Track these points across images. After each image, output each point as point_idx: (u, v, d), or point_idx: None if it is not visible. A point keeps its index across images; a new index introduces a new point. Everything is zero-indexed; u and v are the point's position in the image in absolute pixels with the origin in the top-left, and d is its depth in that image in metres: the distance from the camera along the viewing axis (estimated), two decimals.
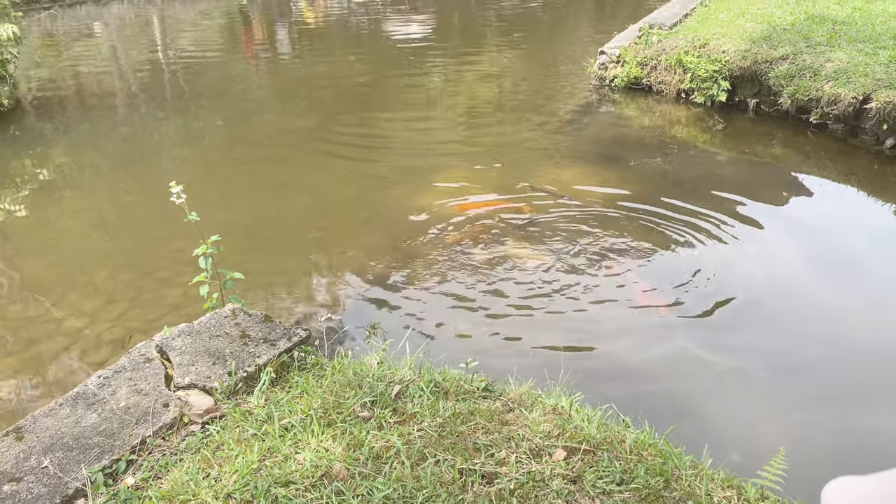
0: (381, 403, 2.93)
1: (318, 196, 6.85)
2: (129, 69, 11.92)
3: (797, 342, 4.53)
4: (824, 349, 4.46)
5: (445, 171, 7.19)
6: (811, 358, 4.39)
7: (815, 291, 5.09)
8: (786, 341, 4.53)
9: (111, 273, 5.64)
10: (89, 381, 3.04)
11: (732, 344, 4.47)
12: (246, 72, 12.03)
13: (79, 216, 6.69)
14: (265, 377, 3.15)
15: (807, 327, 4.69)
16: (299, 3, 18.48)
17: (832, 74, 7.75)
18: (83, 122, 9.19)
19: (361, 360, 3.39)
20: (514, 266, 5.34)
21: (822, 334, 4.62)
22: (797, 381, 4.17)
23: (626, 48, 9.62)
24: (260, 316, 3.58)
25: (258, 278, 5.37)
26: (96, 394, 2.96)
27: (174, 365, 3.18)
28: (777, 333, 4.60)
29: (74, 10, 16.34)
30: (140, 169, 7.70)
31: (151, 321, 4.96)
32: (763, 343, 4.49)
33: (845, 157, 7.37)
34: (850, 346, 4.49)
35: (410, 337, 3.93)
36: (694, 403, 4.00)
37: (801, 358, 4.38)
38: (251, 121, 9.22)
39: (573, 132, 8.36)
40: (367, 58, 12.71)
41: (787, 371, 4.24)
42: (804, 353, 4.43)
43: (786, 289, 5.10)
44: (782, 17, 9.83)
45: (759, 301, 4.91)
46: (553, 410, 2.99)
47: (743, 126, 8.37)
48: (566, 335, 4.51)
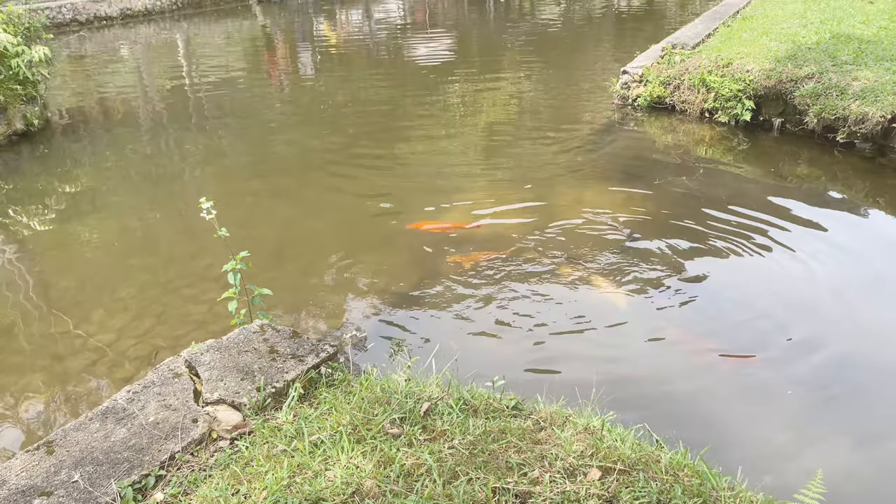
0: (411, 420, 2.90)
1: (341, 215, 6.87)
2: (155, 90, 12.10)
3: (830, 364, 4.44)
4: (857, 371, 4.37)
5: (467, 191, 7.19)
6: (842, 379, 4.30)
7: (847, 313, 4.99)
8: (820, 363, 4.43)
9: (137, 290, 5.67)
10: (118, 396, 3.04)
11: (764, 366, 4.39)
12: (269, 93, 12.16)
13: (105, 234, 6.76)
14: (293, 393, 3.13)
15: (838, 348, 4.60)
16: (321, 24, 18.71)
17: (859, 93, 7.68)
18: (110, 142, 9.32)
19: (388, 376, 3.37)
20: (538, 285, 5.30)
21: (855, 356, 4.52)
22: (832, 404, 4.08)
23: (648, 68, 9.61)
24: (288, 332, 3.57)
25: (282, 296, 5.38)
26: (125, 408, 2.96)
27: (203, 380, 3.17)
28: (809, 355, 4.51)
29: (103, 32, 16.66)
30: (165, 187, 7.78)
31: (177, 338, 4.97)
32: (795, 365, 4.41)
33: (874, 176, 7.27)
34: (887, 369, 4.39)
35: (437, 354, 3.91)
36: (724, 424, 3.92)
37: (834, 380, 4.29)
38: (274, 141, 9.30)
39: (596, 151, 8.33)
40: (388, 78, 12.81)
41: (822, 393, 4.16)
42: (838, 374, 4.34)
43: (816, 310, 5.00)
44: (806, 37, 9.78)
45: (790, 322, 4.82)
46: (585, 430, 2.94)
47: (768, 145, 8.30)
48: (596, 354, 4.46)
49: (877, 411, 4.03)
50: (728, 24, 11.87)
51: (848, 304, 5.05)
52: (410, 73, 13.24)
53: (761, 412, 4.06)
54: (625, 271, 5.46)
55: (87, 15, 16.84)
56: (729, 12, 12.92)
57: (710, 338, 4.65)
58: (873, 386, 4.26)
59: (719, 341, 4.59)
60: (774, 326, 4.76)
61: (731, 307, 5.03)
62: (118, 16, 17.40)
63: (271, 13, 19.68)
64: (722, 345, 4.55)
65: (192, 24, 17.91)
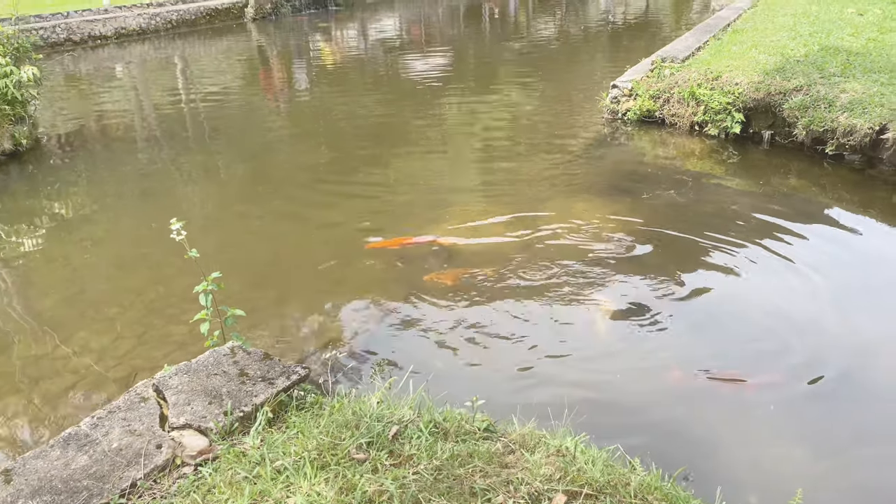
0: (378, 445, 2.85)
1: (331, 232, 6.83)
2: (148, 108, 12.12)
3: (813, 377, 4.38)
4: (842, 385, 4.31)
5: (457, 207, 7.15)
6: (826, 393, 4.24)
7: (832, 325, 4.94)
8: (802, 377, 4.38)
9: (121, 310, 5.63)
10: (82, 422, 2.99)
11: (752, 386, 4.33)
12: (264, 110, 12.17)
13: (92, 253, 6.73)
14: (261, 417, 3.08)
15: (822, 362, 4.54)
16: (317, 41, 18.77)
17: (847, 105, 7.66)
18: (100, 161, 9.31)
19: (361, 398, 3.32)
20: (524, 303, 5.25)
21: (842, 370, 4.46)
22: (814, 419, 4.03)
23: (638, 81, 9.61)
24: (259, 354, 3.52)
25: (267, 313, 5.34)
26: (88, 435, 2.91)
27: (170, 404, 3.12)
28: (791, 369, 4.45)
29: (97, 51, 16.72)
30: (156, 206, 7.75)
31: (157, 358, 4.92)
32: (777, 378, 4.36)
33: (863, 188, 7.23)
34: (872, 384, 4.33)
35: (415, 373, 3.87)
36: (707, 443, 3.86)
37: (817, 393, 4.23)
38: (267, 159, 9.29)
39: (586, 166, 8.31)
40: (383, 95, 12.82)
41: (805, 408, 4.10)
42: (820, 388, 4.28)
43: (806, 326, 4.95)
44: (795, 49, 9.78)
45: (778, 338, 4.77)
46: (557, 452, 2.89)
47: (758, 158, 8.27)
48: (577, 372, 4.40)
49: (859, 428, 3.97)
50: (718, 37, 11.89)
51: (839, 319, 5.00)
52: (406, 89, 13.26)
53: (746, 431, 4.00)
54: (613, 286, 5.41)
55: (81, 34, 16.90)
56: (720, 25, 12.95)
57: (697, 356, 4.59)
58: (857, 402, 4.20)
59: (707, 359, 4.54)
60: (763, 342, 4.71)
61: (721, 323, 4.98)
62: (113, 35, 17.47)
63: (266, 31, 19.76)
64: (710, 363, 4.49)
65: (187, 42, 17.97)
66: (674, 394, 4.22)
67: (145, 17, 18.22)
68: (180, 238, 3.67)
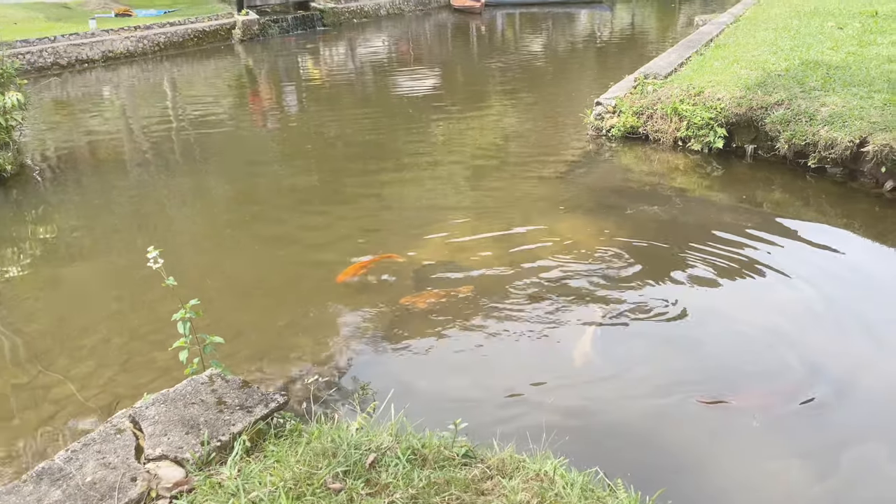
0: (355, 474, 2.83)
1: (316, 255, 6.82)
2: (137, 131, 12.11)
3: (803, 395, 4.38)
4: (826, 399, 4.31)
5: (442, 227, 7.16)
6: (814, 409, 4.24)
7: (820, 338, 4.95)
8: (790, 394, 4.38)
9: (104, 336, 5.60)
10: (57, 456, 2.96)
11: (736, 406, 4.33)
12: (253, 132, 12.18)
13: (76, 279, 6.69)
14: (239, 446, 3.05)
15: (806, 376, 4.55)
16: (306, 62, 18.84)
17: (828, 119, 7.74)
18: (87, 185, 9.29)
19: (340, 425, 3.29)
20: (508, 323, 5.24)
21: (825, 383, 4.47)
22: (795, 434, 4.02)
23: (621, 98, 9.68)
24: (238, 381, 3.50)
25: (250, 338, 5.32)
26: (62, 468, 2.88)
27: (146, 435, 3.10)
28: (778, 386, 4.46)
29: (84, 75, 16.72)
30: (142, 230, 7.72)
31: (140, 386, 4.89)
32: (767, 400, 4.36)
33: (845, 200, 7.29)
34: (861, 399, 4.34)
35: (397, 397, 3.84)
36: (687, 464, 3.85)
37: (804, 410, 4.24)
38: (256, 180, 9.28)
39: (571, 182, 8.35)
40: (371, 115, 12.86)
41: (790, 424, 4.10)
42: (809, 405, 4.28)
43: (789, 339, 4.96)
44: (776, 64, 9.88)
45: (757, 351, 4.78)
46: (536, 476, 2.87)
47: (741, 172, 8.33)
48: (556, 395, 4.39)
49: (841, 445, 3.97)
50: (701, 52, 12.01)
51: (826, 331, 5.03)
52: (394, 108, 13.31)
53: (730, 451, 3.99)
54: (597, 304, 5.42)
55: (68, 58, 16.91)
56: (702, 41, 13.07)
57: (680, 375, 4.59)
58: (846, 417, 4.20)
59: (692, 377, 4.54)
60: (748, 358, 4.72)
61: (706, 339, 4.99)
62: (100, 58, 17.48)
63: (254, 52, 19.82)
64: (694, 381, 4.49)
65: (175, 64, 18.00)
66: (655, 415, 4.21)
67: (132, 40, 18.26)
68: (157, 266, 3.65)
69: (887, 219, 6.89)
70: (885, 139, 7.02)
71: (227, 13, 21.64)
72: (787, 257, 6.12)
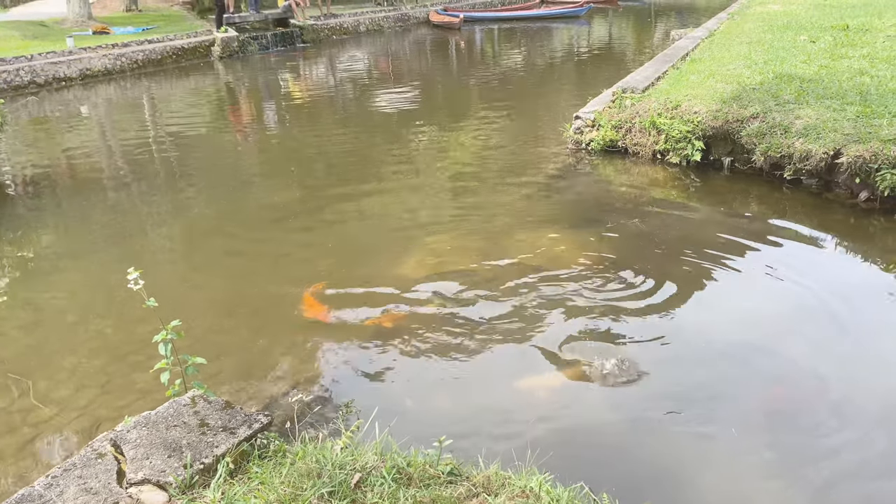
0: (340, 494, 2.82)
1: (296, 271, 6.80)
2: (116, 149, 12.03)
3: (776, 410, 4.43)
4: (806, 406, 4.37)
5: (426, 240, 7.18)
6: (791, 419, 4.29)
7: (791, 348, 5.01)
8: (763, 408, 4.43)
9: (84, 358, 5.54)
10: (37, 483, 2.92)
11: (708, 410, 4.37)
12: (233, 149, 12.15)
13: (55, 299, 6.61)
14: (222, 469, 3.03)
15: (788, 385, 4.60)
16: (286, 78, 18.85)
17: (802, 131, 7.87)
18: (66, 204, 9.21)
19: (324, 445, 3.28)
20: (489, 339, 5.26)
21: (803, 391, 4.53)
22: (780, 446, 4.06)
23: (600, 112, 9.78)
24: (220, 403, 3.48)
25: (228, 360, 5.28)
26: (42, 495, 2.84)
27: (128, 459, 3.07)
28: (758, 394, 4.51)
29: (62, 93, 16.60)
30: (122, 250, 7.65)
31: (120, 408, 4.84)
32: (741, 405, 4.40)
33: (821, 211, 7.40)
34: (842, 409, 4.39)
35: (385, 412, 3.84)
36: (673, 475, 3.88)
37: (780, 423, 4.28)
38: (235, 197, 9.25)
39: (551, 196, 8.41)
40: (352, 131, 12.88)
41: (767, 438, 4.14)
42: (782, 418, 4.33)
43: (767, 347, 5.02)
44: (751, 77, 10.04)
45: (743, 360, 4.84)
46: (521, 493, 2.88)
47: (719, 184, 8.44)
48: (542, 409, 4.41)
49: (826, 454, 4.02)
50: (677, 66, 12.17)
51: (804, 340, 5.08)
52: (374, 124, 13.34)
53: (712, 464, 4.02)
54: (578, 318, 5.45)
55: (45, 76, 16.77)
56: (678, 55, 13.26)
57: (662, 389, 4.63)
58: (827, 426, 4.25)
59: (671, 392, 4.58)
60: (724, 368, 4.76)
61: (687, 351, 5.03)
62: (77, 76, 17.36)
63: (234, 69, 19.79)
64: (674, 395, 4.53)
65: (154, 82, 17.93)
66: (637, 430, 4.24)
67: (110, 58, 18.16)
68: (137, 287, 3.63)
69: (861, 229, 7.00)
70: (858, 151, 7.15)
71: (206, 30, 21.60)
72: (765, 267, 6.20)
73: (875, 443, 4.07)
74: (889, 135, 7.19)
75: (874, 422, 4.24)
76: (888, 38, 12.51)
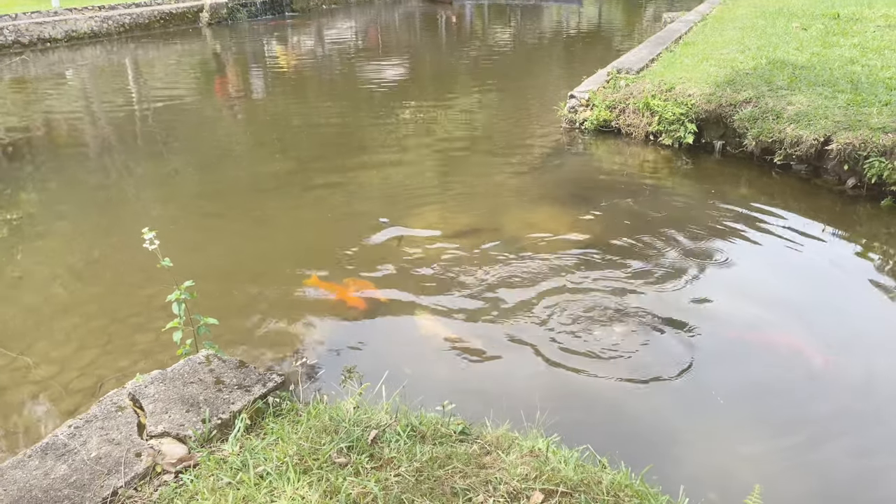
0: (358, 449, 2.91)
1: (291, 240, 6.85)
2: (102, 113, 11.90)
3: (765, 378, 4.59)
4: (792, 384, 4.53)
5: (418, 213, 7.25)
6: (780, 391, 4.45)
7: (779, 327, 5.17)
8: (757, 378, 4.59)
9: (82, 320, 5.55)
10: (59, 432, 2.99)
11: (704, 381, 4.52)
12: (219, 117, 12.07)
13: (49, 262, 6.60)
14: (240, 424, 3.12)
15: (774, 363, 4.76)
16: (273, 47, 18.67)
17: (794, 117, 8.00)
18: (54, 167, 9.13)
19: (337, 404, 3.37)
20: (489, 307, 5.36)
21: (789, 370, 4.69)
22: (770, 417, 4.22)
23: (594, 92, 9.86)
24: (234, 362, 3.55)
25: (231, 323, 5.33)
26: (66, 444, 2.91)
27: (147, 413, 3.14)
28: (746, 369, 4.66)
29: (47, 54, 16.32)
30: (112, 213, 7.64)
31: (123, 368, 4.89)
32: (734, 378, 4.56)
33: (809, 196, 7.56)
34: (826, 381, 4.57)
35: (387, 379, 3.93)
36: (671, 441, 4.02)
37: (772, 391, 4.44)
38: (224, 165, 9.23)
39: (544, 174, 8.49)
40: (340, 102, 12.84)
41: (761, 409, 4.30)
42: (774, 388, 4.49)
43: (752, 324, 5.18)
44: (744, 62, 10.16)
45: (728, 338, 4.99)
46: (530, 453, 2.99)
47: (710, 167, 8.57)
48: (543, 376, 4.53)
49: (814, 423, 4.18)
50: (671, 49, 12.26)
51: (793, 320, 5.24)
52: (363, 96, 13.30)
53: (706, 429, 4.17)
54: (572, 293, 5.56)
55: (30, 37, 16.48)
56: (671, 38, 13.34)
57: (651, 358, 4.77)
58: (812, 400, 4.42)
59: (666, 360, 4.72)
60: (712, 342, 4.91)
61: (676, 325, 5.16)
62: (63, 38, 17.07)
63: (222, 36, 19.56)
64: (668, 363, 4.67)
65: (141, 46, 17.67)
66: (635, 394, 4.38)
67: (97, 20, 17.86)
68: (153, 248, 3.67)
69: (848, 215, 7.18)
70: (848, 138, 7.30)
71: None
72: (752, 250, 6.35)
73: (856, 414, 4.25)
74: (878, 123, 7.35)
75: (855, 395, 4.42)
76: (878, 27, 12.68)
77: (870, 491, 3.73)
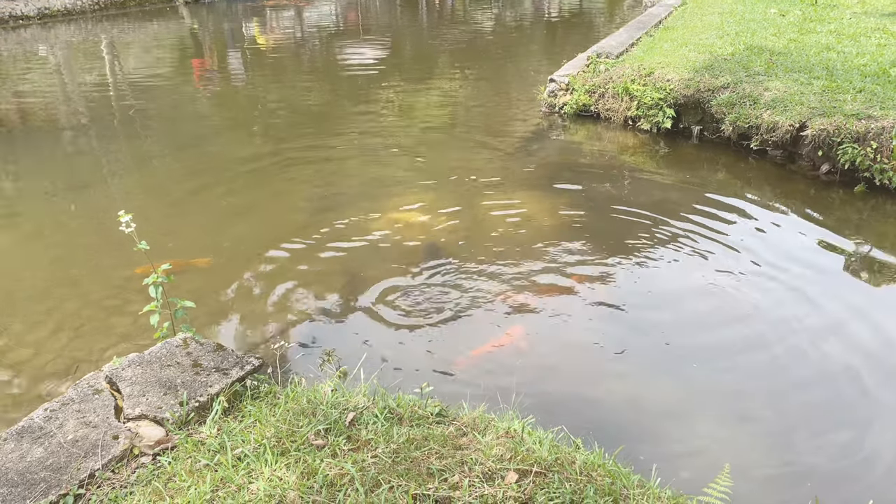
0: (336, 431, 2.94)
1: (269, 221, 6.83)
2: (75, 93, 11.72)
3: (737, 359, 4.68)
4: (761, 366, 4.62)
5: (397, 196, 7.25)
6: (751, 373, 4.54)
7: (751, 310, 5.26)
8: (728, 359, 4.67)
9: (56, 302, 5.51)
10: (35, 415, 2.98)
11: (677, 362, 4.60)
12: (196, 97, 11.94)
13: (21, 244, 6.53)
14: (217, 406, 3.13)
15: (744, 343, 4.85)
16: (251, 27, 18.45)
17: (770, 103, 8.09)
18: (25, 147, 9.00)
19: (315, 387, 3.40)
20: (464, 294, 5.40)
21: (759, 352, 4.78)
22: (741, 400, 4.31)
23: (574, 76, 9.88)
24: (212, 345, 3.56)
25: (208, 305, 5.33)
26: (43, 427, 2.90)
27: (124, 396, 3.13)
28: (717, 350, 4.75)
29: (19, 32, 16.00)
30: (87, 195, 7.56)
31: (99, 351, 4.87)
32: (708, 361, 4.64)
33: (784, 182, 7.66)
34: (800, 362, 4.66)
35: (365, 363, 3.96)
36: (645, 422, 4.10)
37: (743, 374, 4.53)
38: (201, 146, 9.15)
39: (523, 158, 8.52)
40: (319, 83, 12.75)
41: (732, 388, 4.39)
42: (745, 369, 4.58)
43: (726, 309, 5.26)
44: (723, 48, 10.22)
45: (703, 322, 5.07)
46: (506, 434, 3.04)
47: (688, 152, 8.64)
48: (519, 359, 4.58)
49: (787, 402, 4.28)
50: (650, 33, 12.29)
51: (766, 301, 5.33)
52: (342, 78, 13.22)
53: (681, 410, 4.25)
54: (548, 275, 5.61)
55: (0, 14, 16.15)
56: (651, 22, 13.37)
57: (622, 338, 4.84)
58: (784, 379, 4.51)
59: (638, 344, 4.79)
60: (686, 327, 4.99)
61: (650, 309, 5.24)
62: (35, 15, 16.74)
63: (199, 15, 19.29)
64: (640, 348, 4.75)
65: (116, 24, 17.38)
66: (610, 374, 4.45)
67: None
68: (129, 231, 3.65)
69: (821, 200, 7.28)
70: (822, 124, 7.39)
71: None
72: (728, 234, 6.43)
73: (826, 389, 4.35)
74: (852, 109, 7.45)
75: (821, 376, 4.52)
76: (854, 14, 12.81)
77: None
